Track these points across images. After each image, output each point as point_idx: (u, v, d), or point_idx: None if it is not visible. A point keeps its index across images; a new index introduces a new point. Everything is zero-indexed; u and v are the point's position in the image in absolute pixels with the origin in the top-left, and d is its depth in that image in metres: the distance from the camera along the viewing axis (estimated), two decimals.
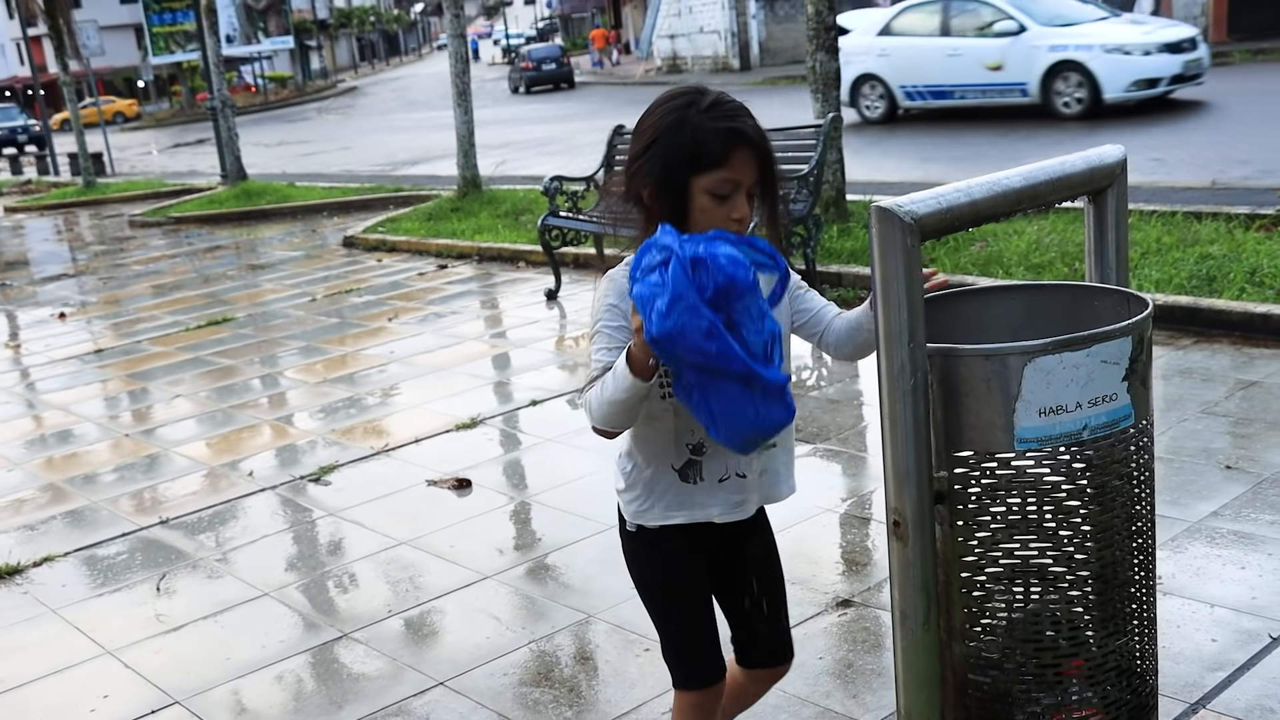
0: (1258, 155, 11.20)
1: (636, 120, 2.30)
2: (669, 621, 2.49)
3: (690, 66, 41.57)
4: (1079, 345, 1.86)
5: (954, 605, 1.95)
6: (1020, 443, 1.87)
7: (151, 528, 5.19)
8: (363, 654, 3.89)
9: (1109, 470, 1.90)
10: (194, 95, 55.18)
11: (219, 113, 18.94)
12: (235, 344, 8.61)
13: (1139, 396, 1.93)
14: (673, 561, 2.42)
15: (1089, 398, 1.88)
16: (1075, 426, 1.87)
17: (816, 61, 9.38)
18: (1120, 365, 1.90)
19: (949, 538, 1.92)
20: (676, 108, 2.21)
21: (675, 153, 2.17)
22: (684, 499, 2.33)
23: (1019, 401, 1.86)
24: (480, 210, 12.69)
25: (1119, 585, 1.94)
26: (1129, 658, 1.97)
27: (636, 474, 2.37)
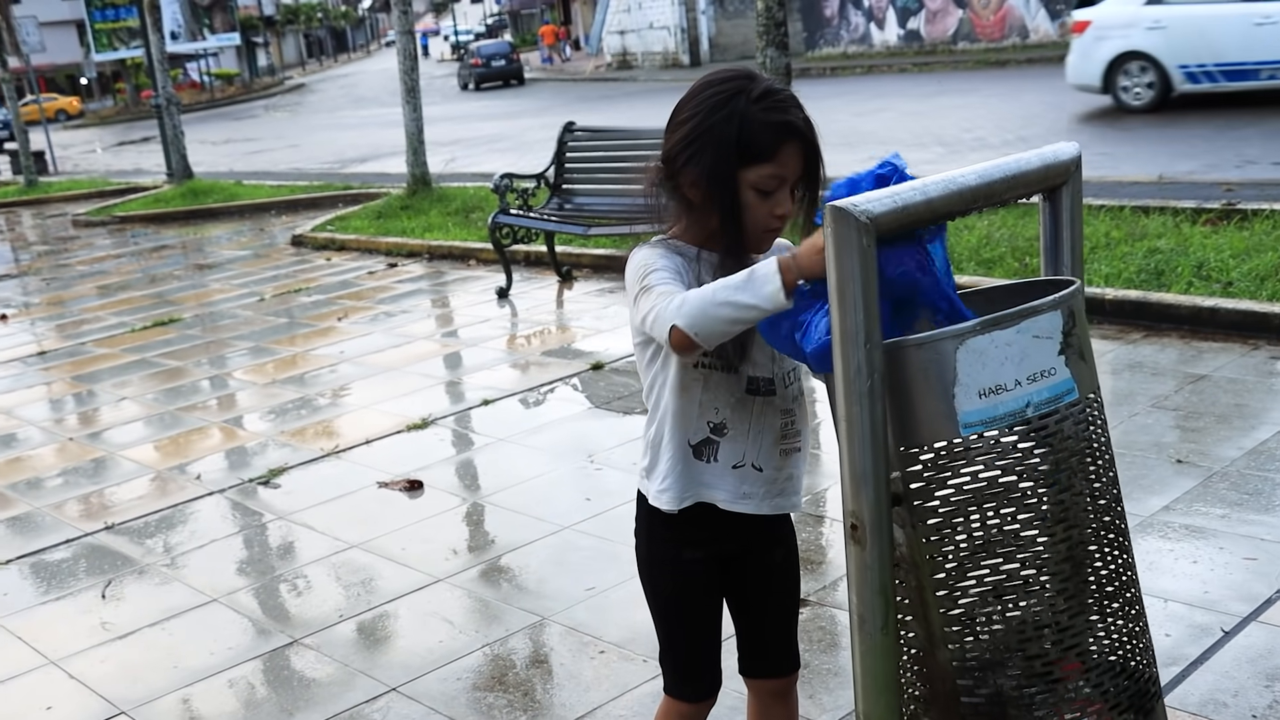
0: (1203, 150, 11.33)
1: (676, 104, 2.19)
2: (674, 630, 2.42)
3: (640, 63, 41.55)
4: (1007, 323, 1.86)
5: (930, 609, 1.92)
6: (965, 428, 1.86)
7: (97, 533, 5.10)
8: (314, 660, 3.83)
9: (1061, 447, 1.89)
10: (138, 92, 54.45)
11: (164, 110, 18.70)
12: (182, 345, 8.49)
13: (1080, 371, 1.93)
14: (690, 574, 2.34)
15: (1027, 374, 1.87)
16: (1018, 405, 1.87)
17: (767, 57, 9.35)
18: (1054, 340, 1.90)
19: (914, 540, 1.90)
20: (724, 95, 2.10)
21: (723, 144, 2.08)
22: (694, 478, 2.24)
23: (957, 386, 1.85)
24: (430, 208, 12.60)
25: (1091, 566, 1.91)
26: (1118, 640, 1.95)
27: (657, 451, 2.28)
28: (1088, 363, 1.96)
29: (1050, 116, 15.40)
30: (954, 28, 29.70)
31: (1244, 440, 4.68)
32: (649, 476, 2.32)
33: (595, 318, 7.92)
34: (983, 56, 27.11)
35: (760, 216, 2.12)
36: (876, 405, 1.81)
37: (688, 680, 2.44)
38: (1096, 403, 1.97)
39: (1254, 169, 9.89)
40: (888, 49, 31.60)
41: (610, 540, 4.42)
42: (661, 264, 2.14)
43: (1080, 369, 1.93)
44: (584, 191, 9.09)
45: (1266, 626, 3.38)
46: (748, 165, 2.09)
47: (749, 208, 2.11)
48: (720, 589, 2.40)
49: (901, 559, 1.93)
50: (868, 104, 19.85)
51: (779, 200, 2.12)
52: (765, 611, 2.44)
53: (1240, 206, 7.83)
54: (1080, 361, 1.93)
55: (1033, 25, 27.64)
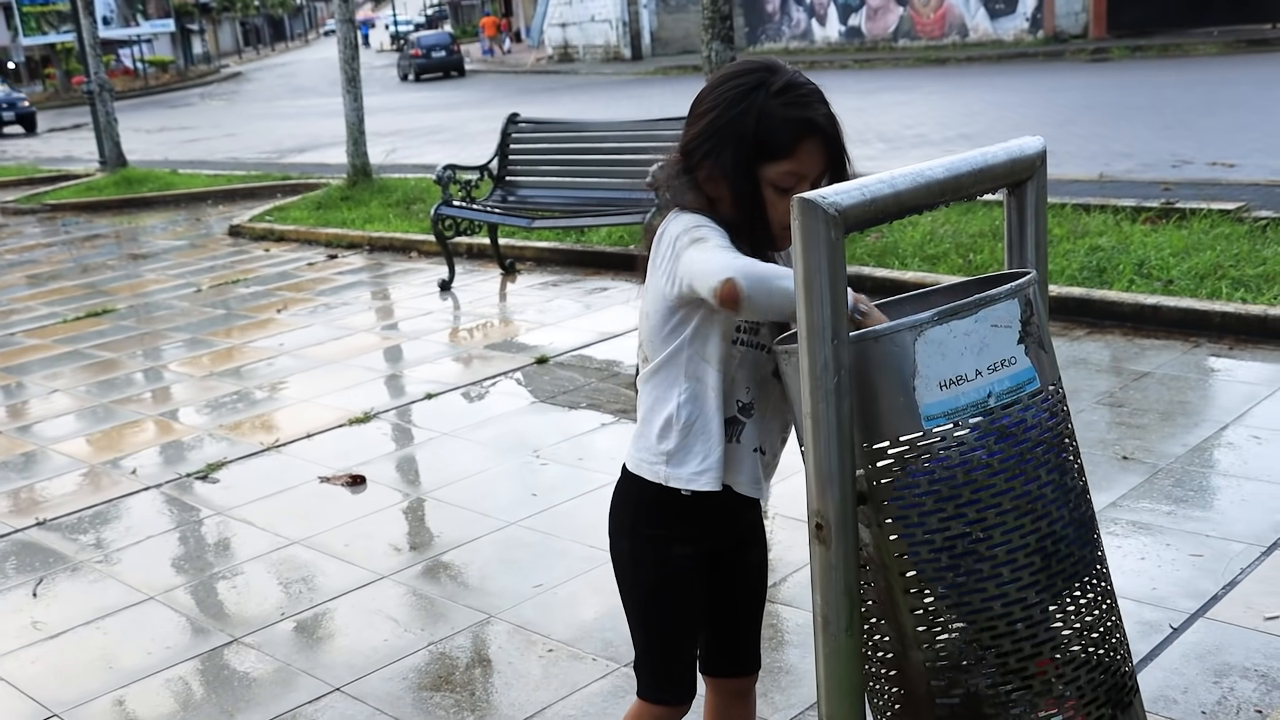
0: (1141, 149, 11.47)
1: (696, 95, 2.13)
2: (656, 631, 2.33)
3: (582, 55, 41.45)
4: (965, 312, 1.84)
5: (900, 610, 1.88)
6: (927, 420, 1.83)
7: (28, 529, 4.96)
8: (255, 659, 3.74)
9: (1024, 437, 1.87)
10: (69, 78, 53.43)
11: (96, 97, 18.32)
12: (116, 336, 8.31)
13: (1040, 360, 1.91)
14: (679, 572, 2.26)
15: (987, 364, 1.85)
16: (979, 395, 1.84)
17: (712, 51, 9.33)
18: (1012, 328, 1.88)
19: (880, 540, 1.86)
20: (744, 88, 2.04)
21: (740, 139, 2.02)
22: (719, 456, 2.13)
23: (917, 379, 1.83)
24: (371, 199, 12.45)
25: (1061, 559, 1.89)
26: (1091, 635, 1.93)
27: (689, 430, 2.14)
28: (1048, 352, 1.95)
29: (991, 114, 15.53)
30: (895, 25, 29.91)
31: (1187, 437, 4.72)
32: (673, 462, 2.17)
33: (539, 311, 7.85)
34: (923, 54, 27.32)
35: (780, 214, 2.05)
36: (844, 402, 1.77)
37: (667, 684, 2.35)
38: (1059, 392, 1.95)
39: (1190, 169, 10.02)
40: (829, 45, 31.77)
41: (557, 536, 4.36)
42: (712, 227, 2.07)
43: (1041, 358, 1.91)
44: (528, 184, 9.02)
45: (1214, 623, 3.39)
46: (766, 161, 2.04)
47: (769, 205, 2.05)
48: (703, 588, 2.33)
49: (869, 559, 1.90)
50: None
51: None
52: (739, 611, 2.40)
53: (1179, 206, 7.91)
54: (1040, 350, 1.92)
55: (972, 24, 27.89)
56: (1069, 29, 26.02)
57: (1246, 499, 4.16)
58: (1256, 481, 4.28)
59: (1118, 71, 19.85)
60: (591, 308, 7.79)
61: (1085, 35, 25.75)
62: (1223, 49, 21.23)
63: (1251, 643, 3.28)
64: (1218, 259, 6.56)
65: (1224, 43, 21.61)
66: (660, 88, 26.33)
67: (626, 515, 2.30)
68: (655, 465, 2.20)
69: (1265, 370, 5.41)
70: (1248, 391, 5.16)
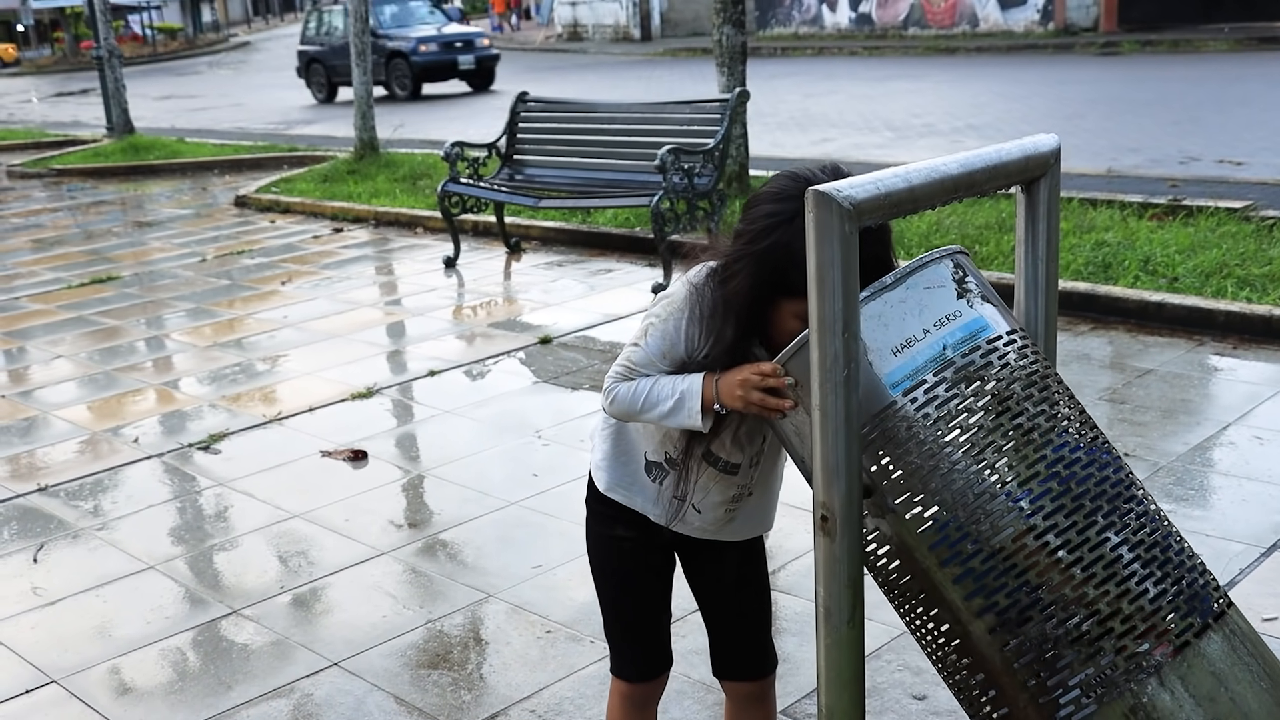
0: (1148, 144, 11.44)
1: (749, 199, 2.11)
2: (611, 607, 2.43)
3: (591, 35, 41.31)
4: (893, 284, 1.89)
5: (943, 589, 1.87)
6: (894, 387, 1.86)
7: (29, 495, 4.97)
8: (253, 631, 3.76)
9: (996, 376, 1.87)
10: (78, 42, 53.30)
11: (105, 63, 18.27)
12: (120, 304, 8.31)
13: (988, 311, 1.94)
14: (623, 552, 2.36)
15: (932, 321, 1.89)
16: (935, 350, 1.88)
17: (723, 35, 9.33)
18: (947, 288, 1.91)
19: (897, 525, 1.87)
20: (780, 218, 1.99)
21: (763, 271, 2.01)
22: (635, 483, 2.28)
23: (870, 353, 1.86)
24: (378, 173, 12.43)
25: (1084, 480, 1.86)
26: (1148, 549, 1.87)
27: (617, 430, 2.30)
28: (997, 305, 1.97)
29: (1000, 105, 15.48)
30: (905, 13, 29.78)
31: (1189, 435, 4.72)
32: (597, 445, 2.36)
33: (543, 291, 7.85)
34: (933, 43, 27.22)
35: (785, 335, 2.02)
36: (852, 395, 1.78)
37: (625, 661, 2.44)
38: (1024, 338, 1.97)
39: (1198, 166, 10.00)
40: (839, 31, 31.63)
41: (557, 518, 4.37)
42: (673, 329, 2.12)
43: (988, 310, 1.94)
44: (535, 163, 9.00)
45: None
46: (789, 298, 2.01)
47: (789, 333, 2.01)
48: (664, 571, 2.40)
49: (896, 551, 1.90)
50: (818, 85, 19.85)
51: None
52: (726, 611, 2.42)
53: (1185, 202, 7.90)
54: (985, 304, 1.95)
55: (983, 14, 27.78)
56: (1079, 22, 25.92)
57: (1247, 499, 4.16)
58: (1257, 482, 4.29)
59: (1127, 66, 19.78)
60: (596, 289, 7.79)
61: (1096, 29, 25.65)
62: (1233, 46, 21.16)
63: None
64: (1223, 257, 6.56)
65: (1235, 40, 21.53)
66: (669, 69, 26.25)
67: (589, 490, 2.41)
68: (594, 452, 2.38)
69: (1268, 370, 5.41)
70: (1250, 391, 5.17)
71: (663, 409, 2.09)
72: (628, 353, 2.17)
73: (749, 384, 1.98)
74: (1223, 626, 1.88)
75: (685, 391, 2.07)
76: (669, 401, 2.08)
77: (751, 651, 2.43)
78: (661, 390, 2.09)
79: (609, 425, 2.32)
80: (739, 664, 2.44)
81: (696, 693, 3.23)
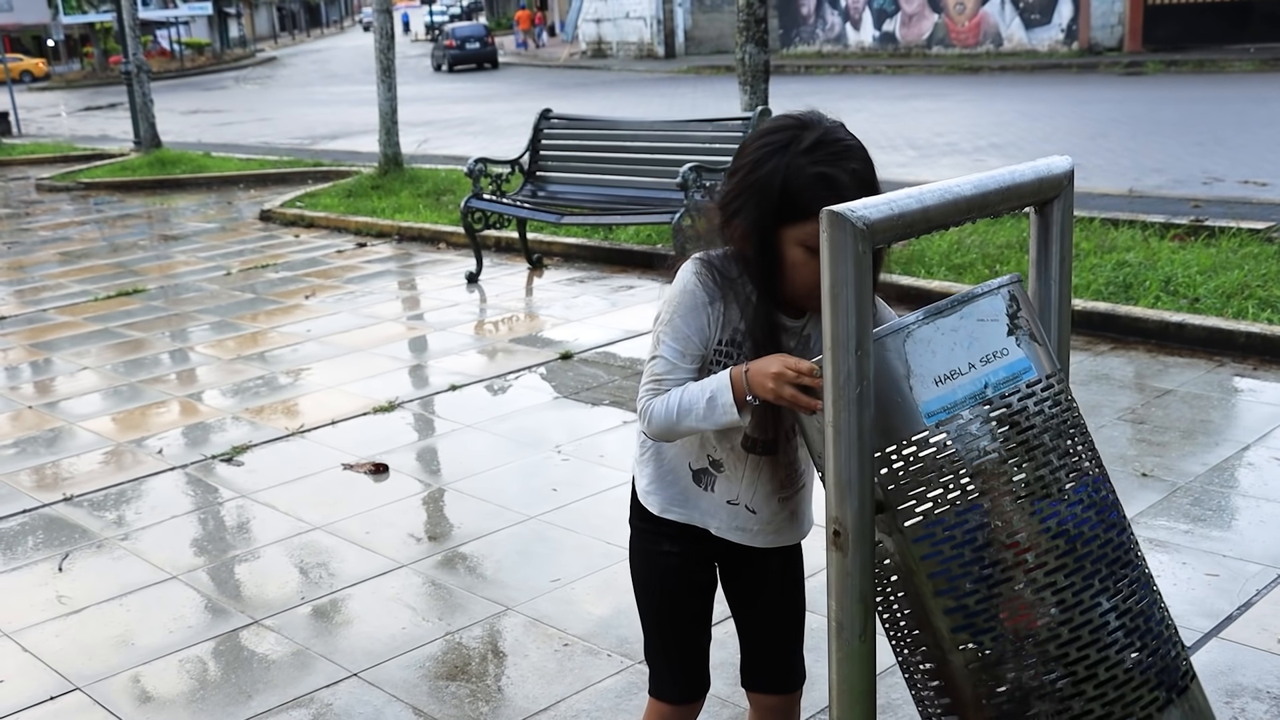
0: (1171, 165, 11.43)
1: (739, 146, 2.15)
2: (655, 627, 2.41)
3: (615, 52, 41.47)
4: (948, 310, 1.89)
5: (932, 615, 1.90)
6: (928, 416, 1.86)
7: (54, 505, 5.03)
8: (274, 641, 3.80)
9: (1029, 424, 1.89)
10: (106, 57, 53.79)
11: (134, 78, 18.46)
12: (146, 316, 8.40)
13: (1034, 351, 1.94)
14: (669, 571, 2.33)
15: (979, 356, 1.89)
16: (976, 386, 1.88)
17: (746, 54, 9.37)
18: (1000, 322, 1.91)
19: (902, 545, 1.89)
20: (773, 147, 2.03)
21: (764, 200, 2.02)
22: (689, 498, 2.26)
23: (912, 377, 1.86)
24: (401, 189, 12.52)
25: (1087, 541, 1.89)
26: (1132, 616, 1.91)
27: (656, 452, 2.28)
28: (1042, 345, 1.98)
29: (1022, 124, 15.50)
30: (929, 32, 29.83)
31: (1208, 456, 4.72)
32: (638, 464, 2.33)
33: (565, 307, 7.89)
34: (956, 62, 27.24)
35: (808, 274, 2.01)
36: (865, 412, 1.80)
37: (666, 682, 2.42)
38: (1061, 383, 1.97)
39: (1221, 186, 9.99)
40: (863, 50, 31.70)
41: (576, 532, 4.40)
42: (684, 320, 2.12)
43: (1034, 350, 1.95)
44: (558, 180, 9.06)
45: (1228, 643, 3.41)
46: (791, 222, 2.02)
47: (797, 266, 2.04)
48: (708, 588, 2.38)
49: (895, 568, 1.92)
50: (842, 104, 19.88)
51: None
52: (761, 621, 2.41)
53: (1208, 223, 7.90)
54: (1033, 343, 1.95)
55: (1007, 33, 27.80)
56: (1104, 41, 25.91)
57: (1265, 520, 4.16)
58: (1276, 503, 4.28)
59: (1151, 86, 19.76)
60: (617, 305, 7.83)
61: (1120, 48, 25.64)
62: (1259, 66, 21.11)
63: (1265, 664, 3.30)
64: (1245, 278, 6.55)
65: (1260, 60, 21.48)
66: (693, 87, 26.35)
67: (631, 506, 2.39)
68: (638, 478, 2.34)
69: None
70: (1270, 413, 5.16)
71: (698, 411, 2.07)
72: (649, 368, 2.16)
73: (783, 378, 1.95)
74: (1183, 702, 1.94)
75: (716, 388, 2.05)
76: (701, 403, 2.06)
77: (782, 665, 2.43)
78: (692, 395, 2.08)
79: (646, 449, 2.30)
80: (768, 677, 2.44)
81: (711, 706, 3.25)
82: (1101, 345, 6.13)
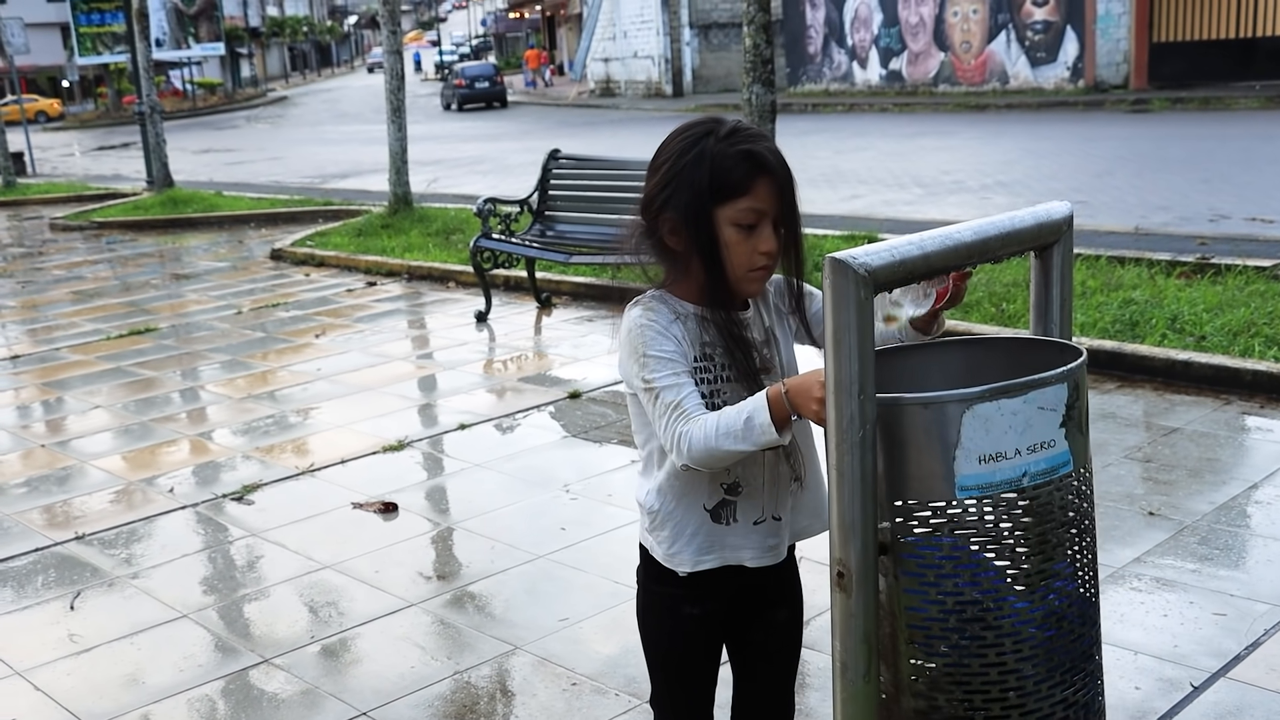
0: (1178, 202, 11.46)
1: (652, 155, 2.20)
2: (664, 684, 2.40)
3: (623, 90, 41.72)
4: (1016, 391, 1.86)
5: (900, 658, 1.94)
6: (961, 490, 1.87)
7: (66, 543, 5.06)
8: (283, 680, 3.82)
9: (1049, 517, 1.91)
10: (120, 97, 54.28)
11: (147, 118, 18.64)
12: (157, 355, 8.45)
13: (1077, 444, 1.94)
14: (688, 634, 2.31)
15: (1028, 444, 1.88)
16: (1015, 474, 1.88)
17: (753, 94, 9.44)
18: (1057, 412, 1.90)
19: (894, 590, 1.92)
20: (693, 138, 2.11)
21: (695, 184, 2.07)
22: (715, 540, 2.22)
23: (959, 449, 1.85)
24: (411, 228, 12.60)
25: (1062, 635, 1.94)
26: (1076, 708, 1.97)
27: (666, 513, 2.23)
28: (1085, 435, 1.97)
29: (1029, 162, 15.56)
30: (935, 70, 29.99)
31: (1215, 495, 4.73)
32: (653, 533, 2.27)
33: (573, 345, 7.93)
34: (963, 100, 27.38)
35: (743, 255, 2.09)
36: (868, 455, 1.83)
37: None
38: (1087, 475, 1.99)
39: (1227, 224, 10.02)
40: (869, 88, 31.87)
41: (584, 571, 4.42)
42: (657, 347, 2.13)
43: (1078, 442, 1.94)
44: (566, 219, 9.12)
45: (1235, 683, 3.41)
46: (723, 202, 2.07)
47: (731, 246, 2.09)
48: (719, 645, 2.38)
49: (881, 605, 1.95)
50: (848, 142, 20.00)
51: (762, 236, 2.09)
52: (761, 672, 2.42)
53: (1214, 261, 7.93)
54: (1079, 434, 1.94)
55: (1013, 71, 27.94)
56: (1110, 79, 26.03)
57: (1273, 559, 4.17)
58: None
59: (1158, 123, 19.83)
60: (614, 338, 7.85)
61: (1126, 86, 25.75)
62: (1264, 103, 21.18)
63: (1273, 705, 3.30)
64: (1252, 316, 6.57)
65: (1266, 97, 21.55)
66: None
67: (641, 569, 2.36)
68: (648, 537, 2.30)
69: None
70: (1278, 451, 5.17)
71: (736, 432, 2.02)
72: (660, 404, 2.11)
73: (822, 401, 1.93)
74: None
75: (752, 409, 2.01)
76: (739, 424, 2.02)
77: (780, 704, 2.45)
78: (729, 417, 2.04)
79: (655, 515, 2.25)
80: (761, 715, 2.45)
81: None
82: (1108, 383, 6.15)
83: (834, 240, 9.69)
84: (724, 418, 2.05)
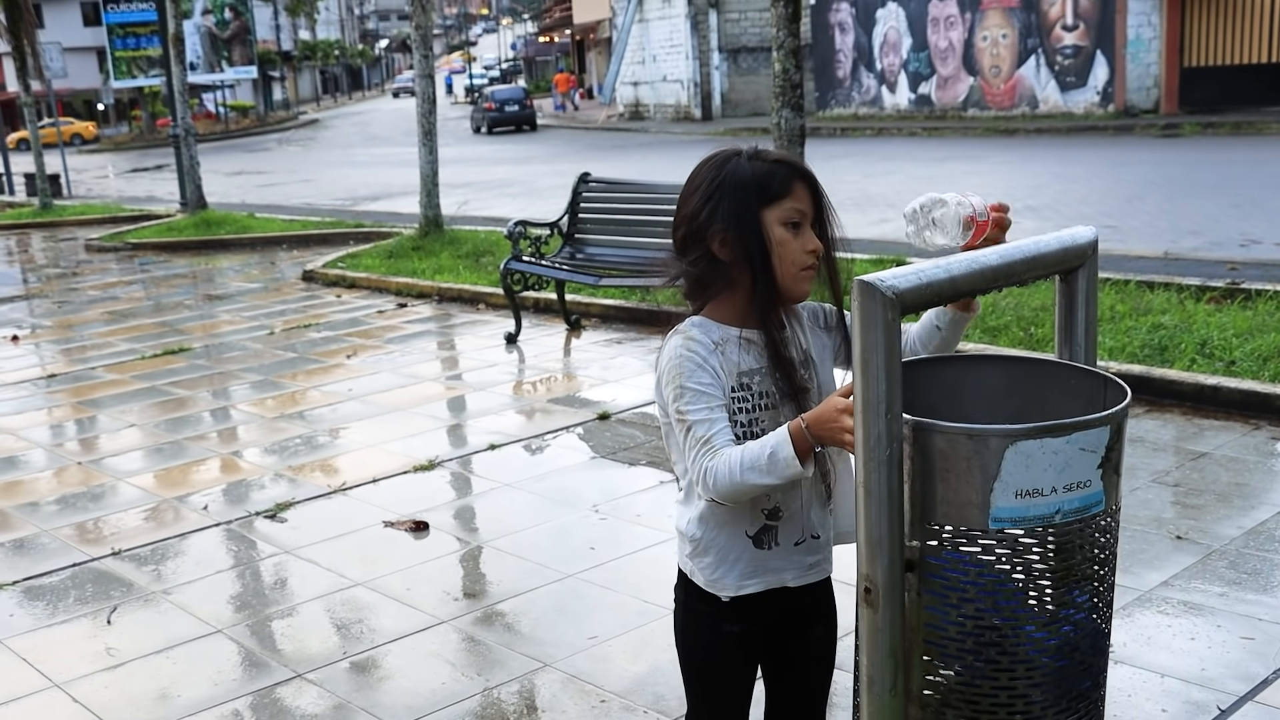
0: (1208, 227, 11.44)
1: (683, 186, 2.27)
2: (700, 702, 2.43)
3: (653, 114, 41.88)
4: (1061, 432, 1.89)
5: (913, 669, 1.97)
6: (994, 521, 1.89)
7: (103, 559, 5.13)
8: (315, 696, 3.86)
9: (1075, 554, 1.94)
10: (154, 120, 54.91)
11: (181, 140, 18.87)
12: (190, 375, 8.55)
13: (1110, 484, 1.97)
14: (726, 648, 2.34)
15: (1065, 483, 1.91)
16: (1048, 510, 1.90)
17: (782, 118, 9.49)
18: (1097, 453, 1.93)
19: (915, 606, 1.95)
20: (723, 159, 2.23)
21: (741, 192, 2.18)
22: (758, 565, 2.26)
23: (997, 482, 1.88)
24: (441, 250, 12.71)
25: (1074, 668, 1.97)
26: None
27: (708, 541, 2.27)
28: (1119, 476, 2.00)
29: (1058, 187, 15.54)
30: (964, 94, 29.99)
31: (1243, 519, 4.73)
32: (694, 559, 2.31)
33: (603, 367, 7.98)
34: (992, 124, 27.36)
35: (793, 253, 2.18)
36: (894, 474, 1.87)
37: None
38: (1116, 511, 2.02)
39: (1258, 249, 10.00)
40: (898, 112, 31.90)
41: (613, 590, 4.46)
42: (695, 380, 2.19)
43: (1111, 482, 1.97)
44: (596, 242, 9.19)
45: (1262, 707, 3.41)
46: (769, 203, 2.18)
47: (782, 244, 2.17)
48: (756, 661, 2.41)
49: None
50: (877, 165, 20.03)
51: (807, 236, 2.19)
52: (797, 688, 2.45)
53: (1244, 286, 7.91)
54: (1114, 475, 1.97)
55: (1042, 95, 27.91)
56: (1140, 104, 25.98)
57: None
58: None
59: (1188, 148, 19.77)
60: (654, 366, 7.89)
61: (1156, 110, 25.69)
62: None
63: None
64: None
65: None
66: None
67: (680, 587, 2.40)
68: (688, 563, 2.34)
69: None
70: None
71: (760, 467, 2.08)
72: (690, 437, 2.16)
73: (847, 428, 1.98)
74: None
75: (775, 444, 2.07)
76: (763, 459, 2.07)
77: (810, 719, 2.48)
78: (753, 452, 2.09)
79: (696, 542, 2.29)
80: None
81: None
82: (1137, 408, 6.15)
83: (862, 264, 9.72)
84: (748, 453, 2.10)
